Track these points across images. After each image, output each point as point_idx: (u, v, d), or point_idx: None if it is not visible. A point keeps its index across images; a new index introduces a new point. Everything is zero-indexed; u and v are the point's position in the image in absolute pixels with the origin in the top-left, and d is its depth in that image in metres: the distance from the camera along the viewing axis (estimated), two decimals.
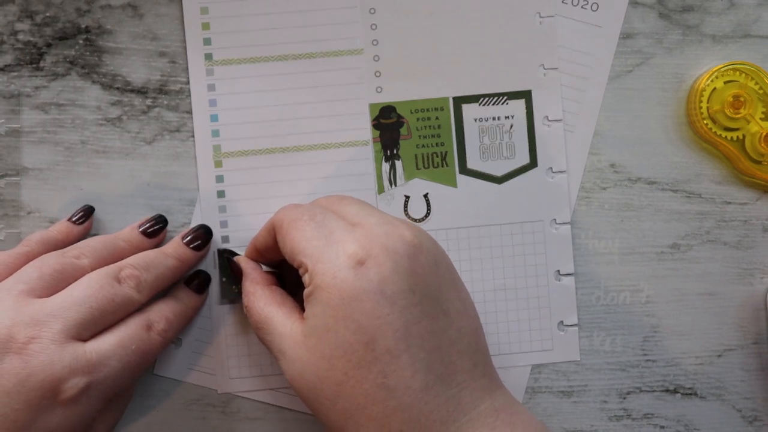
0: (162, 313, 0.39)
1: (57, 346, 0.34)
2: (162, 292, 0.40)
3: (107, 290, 0.36)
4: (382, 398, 0.33)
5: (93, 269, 0.37)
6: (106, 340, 0.36)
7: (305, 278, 0.34)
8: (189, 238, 0.41)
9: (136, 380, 0.40)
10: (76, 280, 0.36)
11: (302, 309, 0.36)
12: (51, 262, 0.37)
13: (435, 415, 0.33)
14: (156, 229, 0.41)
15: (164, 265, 0.39)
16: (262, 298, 0.37)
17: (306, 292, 0.34)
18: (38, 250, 0.39)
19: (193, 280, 0.41)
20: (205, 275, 0.42)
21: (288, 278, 0.41)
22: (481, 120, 0.43)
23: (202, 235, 0.41)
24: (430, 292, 0.34)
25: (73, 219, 0.41)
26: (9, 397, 0.33)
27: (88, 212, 0.41)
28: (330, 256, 0.34)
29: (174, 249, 0.40)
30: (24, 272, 0.36)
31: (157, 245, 0.41)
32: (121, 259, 0.39)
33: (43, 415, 0.34)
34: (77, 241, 0.40)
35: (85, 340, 0.35)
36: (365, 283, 0.33)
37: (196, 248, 0.41)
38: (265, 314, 0.37)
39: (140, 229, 0.41)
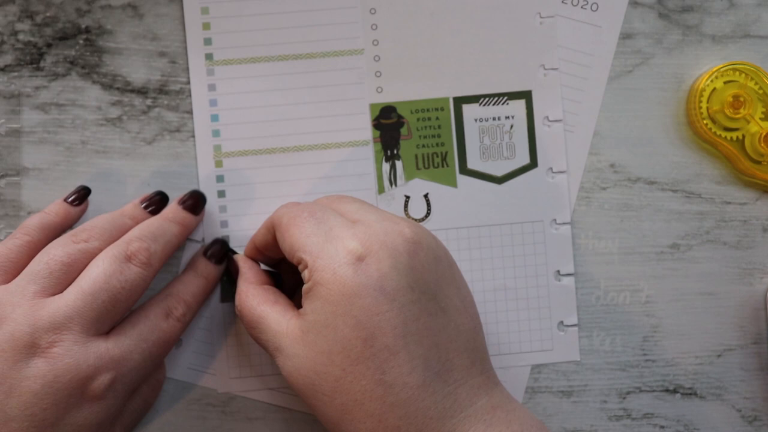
0: (180, 296, 0.39)
1: (80, 346, 0.34)
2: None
3: (116, 278, 0.36)
4: (379, 394, 0.33)
5: (102, 250, 0.37)
6: (127, 334, 0.36)
7: (304, 274, 0.35)
8: (186, 201, 0.40)
9: (164, 369, 0.41)
10: (86, 264, 0.36)
11: (297, 307, 0.36)
12: (58, 255, 0.36)
13: (432, 412, 0.33)
14: (159, 206, 0.41)
15: (170, 232, 0.39)
16: (254, 297, 0.37)
17: (305, 288, 0.34)
18: (39, 238, 0.38)
19: (209, 250, 0.41)
20: (222, 242, 0.41)
21: (287, 278, 0.41)
22: (481, 120, 0.43)
23: (198, 198, 0.41)
24: (429, 289, 0.34)
25: (69, 200, 0.40)
26: (37, 398, 0.34)
27: (84, 193, 0.41)
28: (329, 252, 0.34)
29: (174, 214, 0.40)
30: (33, 270, 0.36)
31: None
32: None
33: (71, 412, 0.34)
34: (75, 223, 0.40)
35: (106, 332, 0.36)
36: (364, 279, 0.33)
37: (194, 212, 0.40)
38: (257, 313, 0.37)
39: (143, 205, 0.41)
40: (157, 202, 0.41)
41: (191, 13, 0.43)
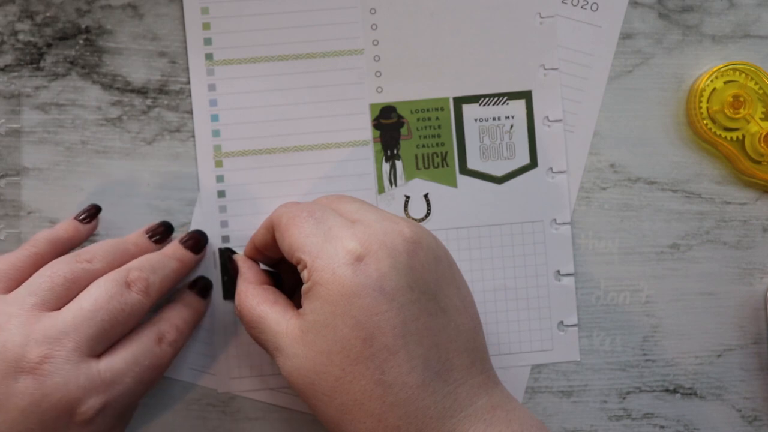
0: (172, 322, 0.39)
1: (71, 365, 0.34)
2: (167, 297, 0.40)
3: (117, 300, 0.36)
4: (379, 394, 0.33)
5: (105, 273, 0.37)
6: (119, 357, 0.36)
7: (304, 274, 0.34)
8: (187, 241, 0.41)
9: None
10: (87, 284, 0.36)
11: (297, 307, 0.36)
12: (62, 270, 0.36)
13: (432, 411, 0.33)
14: (163, 236, 0.41)
15: (168, 267, 0.39)
16: (254, 297, 0.37)
17: (304, 288, 0.34)
18: (46, 251, 0.38)
19: (196, 285, 0.41)
20: (205, 280, 0.42)
21: (286, 278, 0.41)
22: (481, 120, 0.43)
23: (199, 238, 0.41)
24: (429, 289, 0.34)
25: (80, 218, 0.41)
26: (24, 416, 0.33)
27: (94, 211, 0.41)
28: (329, 252, 0.34)
29: (174, 251, 0.40)
30: (35, 282, 0.36)
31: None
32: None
33: None
34: (84, 240, 0.40)
35: (98, 354, 0.35)
36: (364, 279, 0.33)
37: (195, 251, 0.41)
38: (257, 313, 0.36)
39: (148, 235, 0.41)
40: (161, 233, 0.41)
41: (191, 13, 0.43)
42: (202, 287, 0.41)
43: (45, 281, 0.36)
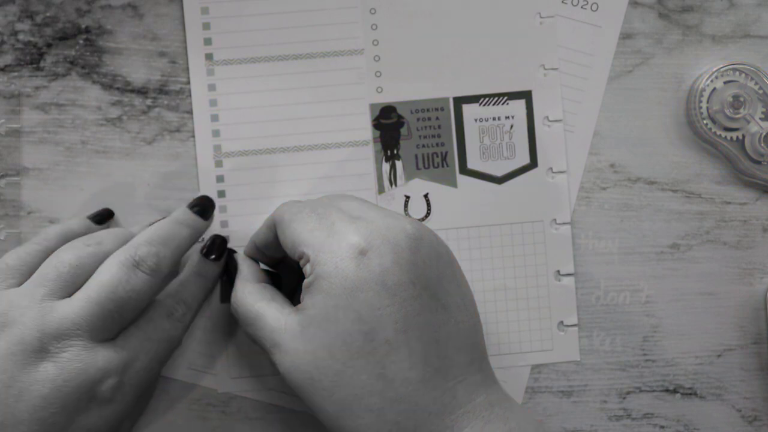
0: (179, 297, 0.39)
1: (89, 351, 0.34)
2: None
3: (123, 288, 0.35)
4: (379, 389, 0.33)
5: (113, 252, 0.37)
6: (132, 336, 0.36)
7: (306, 269, 0.34)
8: (195, 207, 0.40)
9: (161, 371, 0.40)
10: (96, 267, 0.36)
11: (295, 305, 0.36)
12: (67, 258, 0.36)
13: (431, 407, 0.33)
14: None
15: (180, 235, 0.38)
16: (251, 294, 0.37)
17: (306, 282, 0.34)
18: (57, 245, 0.38)
19: (208, 247, 0.40)
20: (220, 238, 0.41)
21: (285, 279, 0.41)
22: (481, 120, 0.43)
23: (207, 203, 0.41)
24: (430, 285, 0.34)
25: (93, 218, 0.41)
26: (46, 402, 0.34)
27: (108, 215, 0.42)
28: (332, 246, 0.34)
29: (185, 216, 0.39)
30: (42, 274, 0.36)
31: None
32: None
33: (81, 416, 0.34)
34: None
35: (113, 337, 0.36)
36: (366, 273, 0.33)
37: (204, 216, 0.40)
38: (255, 310, 0.36)
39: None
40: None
41: (191, 13, 0.43)
42: (214, 251, 0.40)
43: (51, 271, 0.36)
